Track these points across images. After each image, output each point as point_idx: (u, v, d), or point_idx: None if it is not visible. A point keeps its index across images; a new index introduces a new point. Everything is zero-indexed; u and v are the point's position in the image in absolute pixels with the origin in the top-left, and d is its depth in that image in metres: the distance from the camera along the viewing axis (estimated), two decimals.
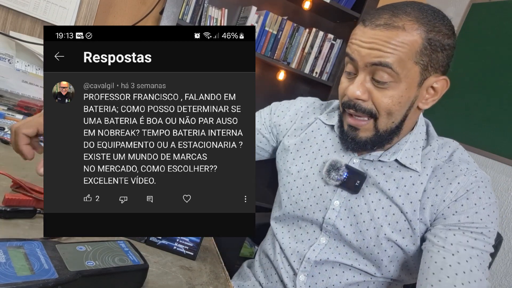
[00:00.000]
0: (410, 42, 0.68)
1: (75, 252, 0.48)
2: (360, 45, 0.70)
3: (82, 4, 1.37)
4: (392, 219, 0.75)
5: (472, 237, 0.70)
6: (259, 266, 0.93)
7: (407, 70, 0.69)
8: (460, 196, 0.72)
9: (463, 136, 1.88)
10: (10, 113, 1.03)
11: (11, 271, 0.42)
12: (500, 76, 1.81)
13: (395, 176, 0.77)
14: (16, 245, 0.46)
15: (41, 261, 0.45)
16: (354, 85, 0.71)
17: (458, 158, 0.77)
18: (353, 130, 0.76)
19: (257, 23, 2.01)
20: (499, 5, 1.91)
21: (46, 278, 0.42)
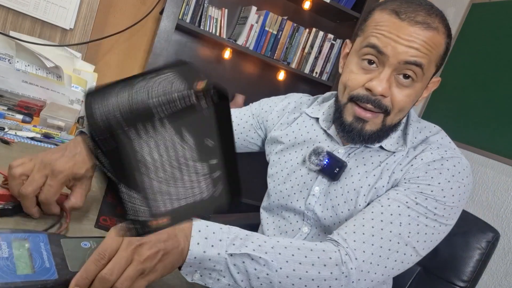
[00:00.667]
0: (439, 45, 0.70)
1: (78, 249, 0.49)
2: (397, 40, 0.67)
3: (82, 4, 1.37)
4: (363, 199, 0.75)
5: (415, 201, 0.67)
6: None
7: (429, 71, 0.71)
8: (419, 169, 0.71)
9: (463, 136, 1.88)
10: (10, 113, 1.03)
11: (12, 268, 0.42)
12: (500, 76, 1.81)
13: (373, 160, 0.77)
14: (21, 238, 0.46)
15: (43, 258, 0.45)
16: (381, 81, 0.69)
17: (434, 140, 0.76)
18: (360, 123, 0.74)
19: (257, 23, 2.01)
20: (499, 5, 1.91)
21: (45, 279, 0.42)
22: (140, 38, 2.01)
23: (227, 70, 2.22)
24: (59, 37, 1.37)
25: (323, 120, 0.86)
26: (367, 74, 0.71)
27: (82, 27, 1.39)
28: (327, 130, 0.84)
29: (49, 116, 1.05)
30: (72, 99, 1.21)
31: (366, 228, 0.65)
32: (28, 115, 1.06)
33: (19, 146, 0.85)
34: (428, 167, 0.71)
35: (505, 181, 1.70)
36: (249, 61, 2.24)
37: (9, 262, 0.42)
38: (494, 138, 1.77)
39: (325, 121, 0.86)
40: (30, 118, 1.05)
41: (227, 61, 2.19)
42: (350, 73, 0.73)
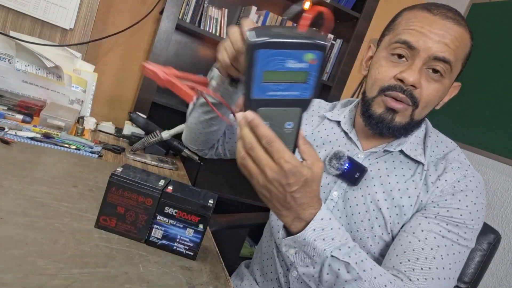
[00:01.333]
0: (466, 43, 0.72)
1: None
2: (429, 35, 0.69)
3: (82, 4, 1.37)
4: (387, 213, 0.75)
5: (447, 228, 0.70)
6: (257, 265, 0.94)
7: (455, 69, 0.73)
8: (445, 191, 0.73)
9: (463, 136, 1.88)
10: (10, 113, 1.03)
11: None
12: (500, 76, 1.81)
13: (397, 171, 0.78)
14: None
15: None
16: (413, 72, 0.70)
17: (453, 158, 0.78)
18: (391, 113, 0.74)
19: (257, 23, 2.00)
20: (499, 5, 1.91)
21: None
22: (140, 38, 2.01)
23: None
24: (59, 37, 1.37)
25: (345, 123, 0.86)
26: (397, 67, 0.73)
27: (82, 27, 1.39)
28: (349, 134, 0.84)
29: (49, 116, 1.05)
30: (72, 99, 1.21)
31: (418, 264, 0.67)
32: (28, 115, 1.06)
33: (19, 146, 0.85)
34: (454, 189, 0.73)
35: (505, 181, 1.70)
36: None
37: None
38: (494, 138, 1.77)
39: (347, 124, 0.86)
40: (30, 118, 1.05)
41: None
42: (379, 67, 0.75)
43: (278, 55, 0.44)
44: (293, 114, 0.49)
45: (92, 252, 0.56)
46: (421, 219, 0.72)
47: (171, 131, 1.16)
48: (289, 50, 0.43)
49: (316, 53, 0.44)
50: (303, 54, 0.44)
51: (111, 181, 0.61)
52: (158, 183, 0.63)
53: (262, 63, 0.44)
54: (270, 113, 0.48)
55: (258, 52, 0.43)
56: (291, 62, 0.44)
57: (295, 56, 0.44)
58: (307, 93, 0.47)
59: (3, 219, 0.56)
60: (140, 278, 0.54)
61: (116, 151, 1.10)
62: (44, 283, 0.46)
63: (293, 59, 0.44)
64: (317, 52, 0.44)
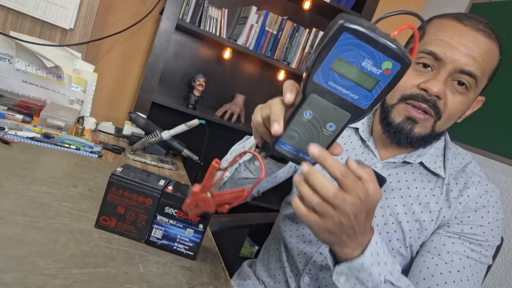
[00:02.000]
0: (495, 57, 0.70)
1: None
2: (457, 47, 0.67)
3: (82, 4, 1.37)
4: (406, 227, 0.74)
5: (470, 247, 0.70)
6: (263, 266, 0.93)
7: (481, 83, 0.71)
8: (468, 208, 0.72)
9: (463, 136, 1.88)
10: (10, 113, 1.03)
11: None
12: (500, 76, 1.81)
13: (417, 184, 0.76)
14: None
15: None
16: (438, 82, 0.68)
17: (472, 171, 0.77)
18: (410, 123, 0.72)
19: (257, 23, 2.00)
20: (499, 5, 1.91)
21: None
22: (140, 38, 2.01)
23: (227, 70, 2.21)
24: (59, 37, 1.37)
25: (363, 131, 0.84)
26: (422, 76, 0.71)
27: (82, 27, 1.39)
28: (367, 142, 0.82)
29: (49, 116, 1.05)
30: (72, 99, 1.21)
31: None
32: (28, 115, 1.06)
33: (19, 146, 0.85)
34: (476, 205, 0.72)
35: (505, 181, 1.70)
36: (249, 61, 2.24)
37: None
38: (494, 138, 1.76)
39: (365, 132, 0.83)
40: (30, 118, 1.05)
41: (227, 61, 2.19)
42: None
43: (359, 48, 0.40)
44: (340, 118, 0.45)
45: (92, 252, 0.56)
46: (445, 239, 0.71)
47: (171, 131, 1.16)
48: (372, 48, 0.40)
49: (395, 65, 0.41)
50: (383, 60, 0.40)
51: (111, 181, 0.61)
52: (158, 183, 0.63)
53: (340, 48, 0.40)
54: (320, 104, 0.44)
55: (343, 34, 0.39)
56: (367, 61, 0.41)
57: (375, 58, 0.40)
58: (366, 103, 0.43)
59: (3, 219, 0.56)
60: (140, 278, 0.54)
61: (116, 151, 1.10)
62: (44, 283, 0.46)
63: (371, 60, 0.40)
64: (396, 64, 0.40)
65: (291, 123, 0.47)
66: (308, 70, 0.42)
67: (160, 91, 2.07)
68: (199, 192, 0.55)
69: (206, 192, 0.55)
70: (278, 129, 0.47)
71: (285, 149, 0.49)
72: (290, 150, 0.49)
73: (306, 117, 0.46)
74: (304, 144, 0.48)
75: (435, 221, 0.73)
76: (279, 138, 0.48)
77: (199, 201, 0.55)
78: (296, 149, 0.49)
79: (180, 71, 2.11)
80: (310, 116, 0.45)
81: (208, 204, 0.55)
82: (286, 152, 0.49)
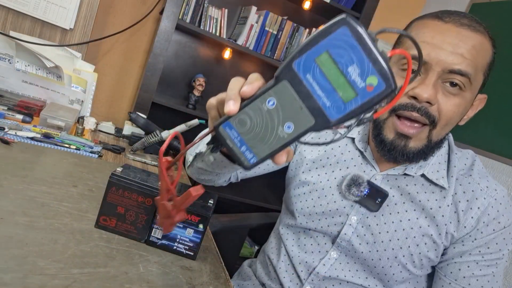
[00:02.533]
0: (487, 51, 0.65)
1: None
2: (441, 46, 0.62)
3: (82, 4, 1.37)
4: (413, 242, 0.72)
5: (485, 264, 0.70)
6: (262, 268, 0.92)
7: (477, 81, 0.65)
8: (480, 222, 0.70)
9: (463, 136, 1.88)
10: (10, 113, 1.03)
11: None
12: (500, 76, 1.81)
13: (420, 197, 0.72)
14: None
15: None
16: (427, 87, 0.63)
17: (478, 172, 0.73)
18: (403, 139, 0.67)
19: (257, 23, 2.00)
20: (499, 5, 1.91)
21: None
22: (140, 38, 2.01)
23: (227, 70, 2.21)
24: (59, 37, 1.37)
25: (359, 141, 0.79)
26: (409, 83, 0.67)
27: (82, 27, 1.39)
28: (364, 152, 0.78)
29: (49, 116, 1.05)
30: (72, 99, 1.21)
31: None
32: (28, 115, 1.06)
33: (19, 146, 0.85)
34: (488, 217, 0.70)
35: (505, 181, 1.70)
36: (249, 61, 2.24)
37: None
38: (494, 138, 1.76)
39: (361, 142, 0.79)
40: (30, 118, 1.05)
41: (227, 61, 2.19)
42: None
43: (352, 50, 0.36)
44: (303, 121, 0.39)
45: (92, 252, 0.56)
46: (460, 264, 0.71)
47: (171, 131, 1.16)
48: (365, 55, 0.36)
49: (380, 84, 0.36)
50: (370, 73, 0.36)
51: (111, 181, 0.61)
52: (158, 183, 0.63)
53: (334, 41, 0.36)
54: (288, 96, 0.39)
55: (342, 28, 0.35)
56: (355, 68, 0.36)
57: (363, 67, 0.36)
58: (336, 115, 0.38)
59: (3, 219, 0.56)
60: (140, 278, 0.54)
61: (116, 151, 1.10)
62: (44, 283, 0.46)
63: (358, 68, 0.36)
64: (381, 83, 0.36)
65: (248, 106, 0.40)
66: (292, 54, 0.38)
67: (160, 91, 2.07)
68: (158, 200, 0.49)
69: (165, 197, 0.48)
70: (233, 107, 0.39)
71: (229, 134, 0.42)
72: (233, 138, 0.42)
73: (268, 105, 0.40)
74: (252, 137, 0.41)
75: (444, 236, 0.71)
76: (229, 119, 0.41)
77: (161, 211, 0.49)
78: (241, 139, 0.41)
79: (180, 71, 2.11)
80: (272, 106, 0.40)
81: (167, 211, 0.48)
82: (227, 138, 0.42)
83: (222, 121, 0.42)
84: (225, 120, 0.41)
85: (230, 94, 0.41)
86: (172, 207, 0.48)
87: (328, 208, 0.78)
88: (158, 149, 1.18)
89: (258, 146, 0.41)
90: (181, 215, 0.49)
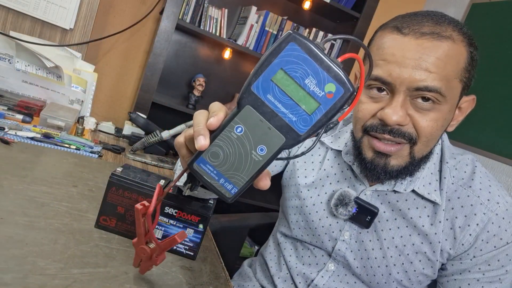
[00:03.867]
0: (457, 56, 0.59)
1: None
2: (402, 63, 0.57)
3: (82, 4, 1.37)
4: (407, 259, 0.70)
5: (487, 281, 0.67)
6: (262, 271, 0.92)
7: (452, 90, 0.60)
8: (478, 239, 0.65)
9: (463, 136, 1.88)
10: (10, 113, 1.03)
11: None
12: (500, 76, 1.81)
13: (412, 214, 0.69)
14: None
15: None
16: (393, 109, 0.59)
17: (479, 182, 0.68)
18: (383, 158, 0.64)
19: (257, 23, 2.00)
20: (499, 5, 1.91)
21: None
22: (140, 38, 2.01)
23: (227, 70, 2.21)
24: (59, 37, 1.37)
25: (346, 153, 0.76)
26: (378, 103, 0.62)
27: (82, 27, 1.39)
28: (352, 166, 0.74)
29: (49, 116, 1.05)
30: (72, 99, 1.21)
31: None
32: (28, 115, 1.06)
33: (19, 146, 0.85)
34: (488, 234, 0.65)
35: (505, 181, 1.70)
36: (249, 61, 2.24)
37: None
38: (494, 138, 1.76)
39: (348, 154, 0.75)
40: (30, 118, 1.05)
41: (227, 61, 2.19)
42: (359, 103, 0.64)
43: (304, 63, 0.37)
44: (274, 141, 0.39)
45: (92, 252, 0.56)
46: (460, 282, 0.68)
47: (171, 131, 1.16)
48: (318, 65, 0.37)
49: (338, 89, 0.37)
50: (327, 81, 0.37)
51: (111, 181, 0.61)
52: (158, 183, 0.63)
53: (285, 59, 0.37)
54: (254, 119, 0.39)
55: (290, 44, 0.36)
56: (311, 79, 0.37)
57: (319, 77, 0.37)
58: (304, 127, 0.38)
59: (3, 219, 0.56)
60: (140, 278, 0.54)
61: (116, 151, 1.10)
62: (44, 283, 0.46)
63: (314, 78, 0.37)
64: (339, 89, 0.37)
65: (218, 137, 0.40)
66: (249, 79, 0.39)
67: (160, 91, 2.07)
68: (136, 243, 0.49)
69: (143, 241, 0.49)
70: (203, 142, 0.39)
71: (204, 170, 0.41)
72: (210, 172, 0.41)
73: (236, 132, 0.40)
74: (227, 167, 0.41)
75: (439, 253, 0.68)
76: (201, 155, 0.41)
77: (139, 254, 0.50)
78: (217, 172, 0.41)
79: (180, 71, 2.11)
80: (241, 133, 0.40)
81: (147, 255, 0.49)
82: (204, 174, 0.41)
83: (195, 158, 0.41)
84: (198, 156, 0.41)
85: (198, 129, 0.40)
86: (152, 251, 0.49)
87: (321, 224, 0.77)
88: (158, 149, 1.18)
89: (236, 175, 0.41)
90: (162, 257, 0.50)
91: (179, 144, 0.46)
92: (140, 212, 0.48)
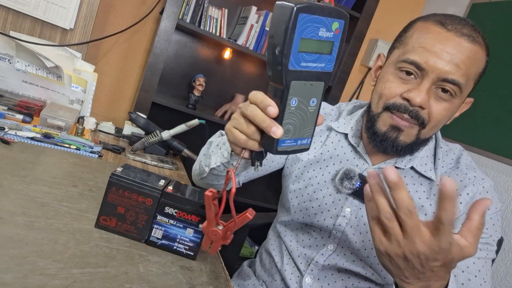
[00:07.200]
0: (480, 61, 0.69)
1: None
2: (440, 55, 0.65)
3: (82, 4, 1.37)
4: None
5: (479, 247, 0.70)
6: (261, 266, 0.93)
7: (467, 88, 0.70)
8: (469, 207, 0.72)
9: (463, 136, 1.88)
10: (10, 113, 1.03)
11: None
12: (500, 76, 1.81)
13: (409, 188, 0.76)
14: None
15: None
16: (421, 93, 0.67)
17: (465, 165, 0.77)
18: (395, 132, 0.72)
19: (257, 23, 2.00)
20: (499, 5, 1.91)
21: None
22: (140, 38, 2.01)
23: (227, 70, 2.21)
24: (59, 37, 1.37)
25: (352, 136, 0.83)
26: (405, 84, 0.69)
27: (82, 27, 1.39)
28: (357, 147, 0.81)
29: (49, 116, 1.05)
30: (72, 99, 1.21)
31: None
32: (28, 115, 1.06)
33: (19, 146, 0.85)
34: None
35: (505, 181, 1.70)
36: (249, 61, 2.24)
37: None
38: (494, 138, 1.76)
39: (354, 137, 0.83)
40: (30, 118, 1.05)
41: (227, 61, 2.19)
42: (386, 82, 0.72)
43: (313, 22, 0.43)
44: (317, 90, 0.48)
45: (92, 252, 0.56)
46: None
47: (171, 131, 1.16)
48: (322, 16, 0.43)
49: (340, 22, 0.45)
50: (332, 22, 0.44)
51: (111, 181, 0.61)
52: (158, 183, 0.63)
53: (300, 29, 0.42)
54: (301, 87, 0.46)
55: (300, 16, 0.42)
56: (322, 30, 0.44)
57: (326, 24, 0.44)
58: (331, 65, 0.47)
59: (3, 219, 0.56)
60: (140, 278, 0.54)
61: (116, 151, 1.10)
62: (44, 283, 0.46)
63: (324, 27, 0.44)
64: (341, 21, 0.45)
65: (283, 118, 0.47)
66: (280, 64, 0.44)
67: (160, 91, 2.07)
68: (207, 227, 0.54)
69: (213, 224, 0.54)
70: (279, 132, 0.46)
71: (286, 146, 0.49)
72: (290, 144, 0.49)
73: (293, 105, 0.47)
74: (298, 130, 0.49)
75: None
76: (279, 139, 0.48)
77: (211, 236, 0.54)
78: (294, 139, 0.49)
79: (180, 71, 2.11)
80: (296, 103, 0.47)
81: (218, 236, 0.54)
82: (287, 148, 0.49)
83: (275, 144, 0.48)
84: (275, 142, 0.48)
85: (268, 122, 0.47)
86: (223, 232, 0.54)
87: (324, 201, 0.81)
88: (158, 149, 1.18)
89: (305, 131, 0.49)
90: (231, 237, 0.55)
91: (244, 140, 0.51)
92: (211, 197, 0.52)
